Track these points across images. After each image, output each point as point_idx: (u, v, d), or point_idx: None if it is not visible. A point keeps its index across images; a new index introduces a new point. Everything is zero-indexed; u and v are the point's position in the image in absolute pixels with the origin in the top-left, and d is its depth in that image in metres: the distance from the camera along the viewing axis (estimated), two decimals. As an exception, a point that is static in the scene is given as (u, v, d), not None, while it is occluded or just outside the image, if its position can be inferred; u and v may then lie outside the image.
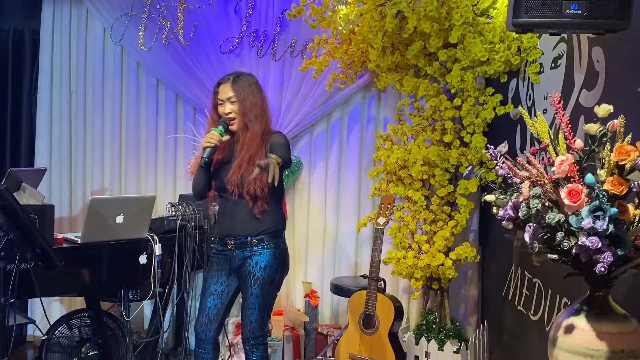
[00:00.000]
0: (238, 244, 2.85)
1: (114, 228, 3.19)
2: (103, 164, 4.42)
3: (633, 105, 1.90)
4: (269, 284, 2.86)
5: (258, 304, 2.84)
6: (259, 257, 2.83)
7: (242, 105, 2.81)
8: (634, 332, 1.61)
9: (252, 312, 2.85)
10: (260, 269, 2.83)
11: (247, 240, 2.83)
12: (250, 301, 2.84)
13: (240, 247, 2.85)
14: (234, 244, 2.86)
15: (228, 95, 2.82)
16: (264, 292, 2.84)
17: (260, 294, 2.83)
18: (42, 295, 3.01)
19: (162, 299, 3.46)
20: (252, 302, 2.84)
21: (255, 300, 2.83)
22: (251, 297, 2.83)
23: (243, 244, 2.84)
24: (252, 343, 2.88)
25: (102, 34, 4.36)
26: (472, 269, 3.84)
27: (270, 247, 2.85)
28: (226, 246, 2.89)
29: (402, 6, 3.16)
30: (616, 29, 1.75)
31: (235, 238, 2.85)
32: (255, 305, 2.84)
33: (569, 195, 1.51)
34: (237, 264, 2.89)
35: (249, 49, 4.13)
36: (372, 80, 3.89)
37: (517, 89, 3.27)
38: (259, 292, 2.83)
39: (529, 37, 3.06)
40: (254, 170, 2.57)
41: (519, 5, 1.76)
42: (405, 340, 3.66)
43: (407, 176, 3.59)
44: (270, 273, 2.85)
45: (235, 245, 2.86)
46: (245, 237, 2.83)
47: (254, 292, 2.82)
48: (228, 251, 2.89)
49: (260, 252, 2.84)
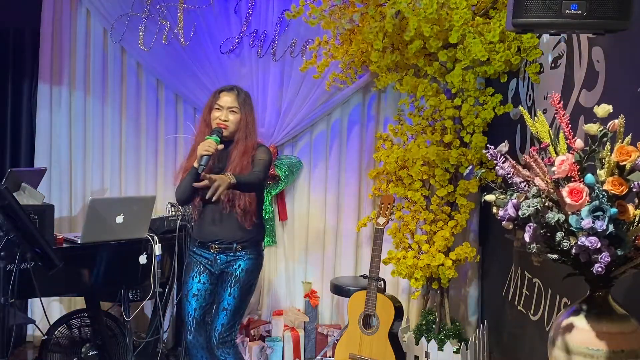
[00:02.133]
0: (222, 249, 2.94)
1: (114, 228, 3.19)
2: (103, 164, 4.41)
3: (633, 105, 1.90)
4: (248, 287, 2.98)
5: (234, 305, 2.94)
6: (242, 261, 2.94)
7: (244, 119, 2.93)
8: (634, 332, 1.61)
9: (226, 313, 2.93)
10: (242, 272, 2.94)
11: (232, 246, 2.93)
12: (227, 301, 2.93)
13: (224, 252, 2.94)
14: (218, 248, 2.94)
15: (230, 105, 2.91)
16: (242, 294, 2.95)
17: (239, 295, 2.93)
18: (42, 295, 3.00)
19: (162, 299, 3.46)
20: (229, 302, 2.93)
21: (232, 301, 2.93)
22: (229, 298, 2.93)
23: (227, 249, 2.93)
24: (222, 348, 2.96)
25: (102, 34, 4.36)
26: (472, 269, 3.84)
27: (253, 254, 2.97)
28: (208, 250, 2.96)
29: (401, 6, 3.16)
30: (616, 29, 1.74)
31: (220, 242, 2.94)
32: (231, 306, 2.93)
33: (570, 195, 1.51)
34: (218, 267, 2.97)
35: (249, 49, 4.13)
36: (372, 80, 3.89)
37: (517, 89, 3.27)
38: (237, 294, 2.93)
39: (529, 37, 3.06)
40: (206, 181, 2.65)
41: (519, 5, 1.76)
42: (405, 340, 3.66)
43: (407, 176, 3.59)
44: (251, 278, 2.97)
45: (219, 250, 2.94)
46: (230, 243, 2.93)
47: (233, 292, 2.92)
48: (209, 254, 2.96)
49: (244, 257, 2.94)
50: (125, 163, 4.40)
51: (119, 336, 3.55)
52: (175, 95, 4.34)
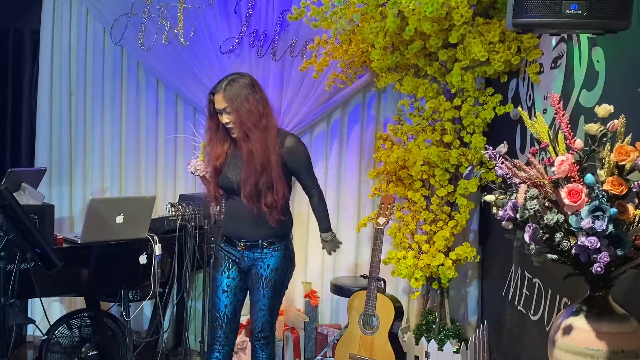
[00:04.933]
0: (248, 246, 2.83)
1: (114, 228, 3.19)
2: (103, 164, 4.42)
3: (633, 105, 1.90)
4: (280, 285, 2.89)
5: (269, 305, 2.86)
6: (270, 259, 2.83)
7: (238, 115, 2.68)
8: (634, 332, 1.61)
9: (264, 313, 2.86)
10: (272, 272, 2.83)
11: (258, 242, 2.82)
12: (262, 303, 2.85)
13: (251, 249, 2.83)
14: (244, 245, 2.84)
15: (222, 106, 2.70)
16: (275, 293, 2.86)
17: (272, 295, 2.85)
18: (42, 295, 3.00)
19: (162, 299, 3.46)
20: (264, 304, 2.85)
21: (267, 302, 2.85)
22: (263, 299, 2.84)
23: (254, 246, 2.82)
24: (263, 342, 2.91)
25: (102, 34, 4.36)
26: (472, 269, 3.84)
27: (281, 250, 2.85)
28: (235, 247, 2.86)
29: (402, 6, 3.16)
30: (616, 29, 1.75)
31: (246, 240, 2.83)
32: (267, 305, 2.86)
33: (569, 195, 1.51)
34: (246, 264, 2.87)
35: (249, 49, 4.13)
36: (372, 80, 3.88)
37: (517, 89, 3.27)
38: (271, 294, 2.84)
39: (529, 37, 3.06)
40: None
41: (519, 5, 1.76)
42: (405, 340, 3.65)
43: (407, 176, 3.59)
44: (281, 275, 2.87)
45: (246, 247, 2.84)
46: (256, 240, 2.82)
47: (267, 294, 2.84)
48: (236, 252, 2.87)
49: (272, 254, 2.83)
50: (125, 163, 4.40)
51: (119, 336, 3.55)
52: (175, 95, 4.34)
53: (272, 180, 2.72)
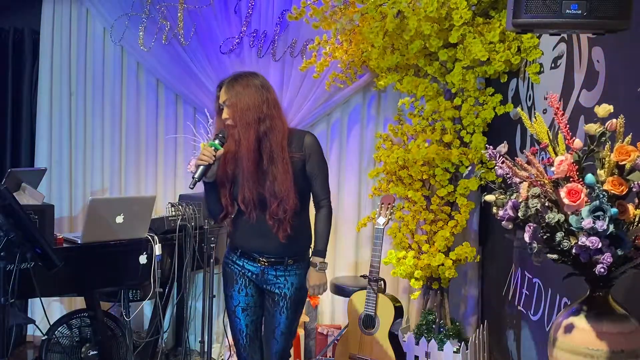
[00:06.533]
0: (272, 262, 2.58)
1: (114, 228, 3.19)
2: (103, 164, 4.42)
3: (633, 105, 1.90)
4: (302, 305, 2.70)
5: (290, 326, 2.64)
6: (294, 278, 2.60)
7: (234, 110, 2.44)
8: (634, 332, 1.61)
9: (285, 337, 2.64)
10: (295, 290, 2.60)
11: (283, 259, 2.57)
12: (284, 325, 2.62)
13: (274, 265, 2.58)
14: (267, 262, 2.58)
15: (223, 99, 2.49)
16: (297, 311, 2.65)
17: (294, 314, 2.63)
18: (42, 295, 3.00)
19: (162, 299, 3.46)
20: (286, 325, 2.62)
21: (288, 323, 2.63)
22: (286, 321, 2.62)
23: (278, 262, 2.58)
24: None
25: (102, 34, 4.36)
26: (472, 269, 3.84)
27: (304, 267, 2.62)
28: (254, 262, 2.59)
29: (402, 6, 3.16)
30: (616, 29, 1.74)
31: (269, 256, 2.57)
32: (288, 328, 2.63)
33: (568, 195, 1.51)
34: (264, 281, 2.61)
35: (249, 49, 4.13)
36: (372, 80, 3.89)
37: (517, 89, 3.27)
38: (294, 316, 2.63)
39: (529, 37, 3.06)
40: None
41: (519, 5, 1.76)
42: (405, 340, 3.65)
43: (407, 176, 3.59)
44: (303, 294, 2.66)
45: (269, 264, 2.58)
46: (281, 257, 2.57)
47: (290, 315, 2.61)
48: (255, 267, 2.60)
49: (295, 272, 2.60)
50: (125, 163, 4.40)
51: (119, 336, 3.55)
52: (175, 96, 4.34)
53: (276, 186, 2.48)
